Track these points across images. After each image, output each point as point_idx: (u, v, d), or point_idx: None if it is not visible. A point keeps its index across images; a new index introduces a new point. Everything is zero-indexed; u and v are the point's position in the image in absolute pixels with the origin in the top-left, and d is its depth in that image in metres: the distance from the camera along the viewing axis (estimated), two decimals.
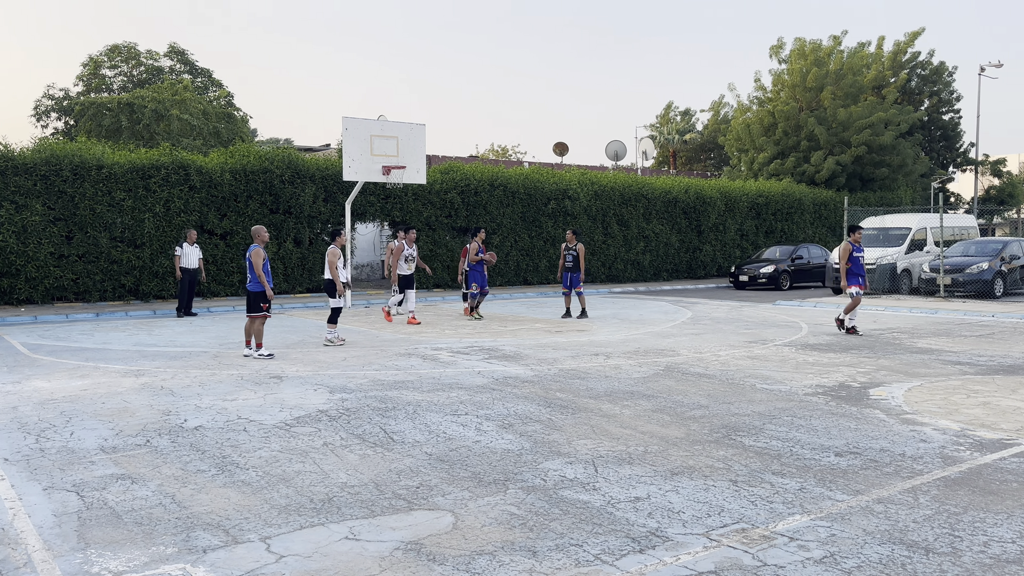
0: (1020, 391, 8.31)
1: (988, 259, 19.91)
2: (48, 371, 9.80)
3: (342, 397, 8.09)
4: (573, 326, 14.58)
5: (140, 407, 7.65)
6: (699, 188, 29.47)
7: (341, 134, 19.78)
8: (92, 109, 32.74)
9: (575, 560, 4.04)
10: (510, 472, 5.53)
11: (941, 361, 10.40)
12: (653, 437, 6.46)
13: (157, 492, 5.13)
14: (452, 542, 4.28)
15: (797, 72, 35.20)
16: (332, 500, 4.96)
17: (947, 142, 41.34)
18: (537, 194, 25.13)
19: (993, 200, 44.36)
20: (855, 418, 7.12)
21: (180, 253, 16.24)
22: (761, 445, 6.21)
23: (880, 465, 5.67)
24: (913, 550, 4.15)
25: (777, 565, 3.97)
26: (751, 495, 5.02)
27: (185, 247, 16.24)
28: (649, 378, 9.14)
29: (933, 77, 39.34)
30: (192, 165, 19.49)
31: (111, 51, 36.97)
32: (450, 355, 10.97)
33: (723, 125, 47.62)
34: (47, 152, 17.80)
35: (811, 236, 32.79)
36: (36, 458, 5.94)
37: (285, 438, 6.47)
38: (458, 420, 7.06)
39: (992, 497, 4.98)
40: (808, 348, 11.67)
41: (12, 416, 7.31)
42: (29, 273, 17.51)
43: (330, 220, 21.55)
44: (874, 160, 34.70)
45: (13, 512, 4.77)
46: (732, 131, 37.92)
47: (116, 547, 4.24)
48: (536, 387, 8.60)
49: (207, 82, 38.56)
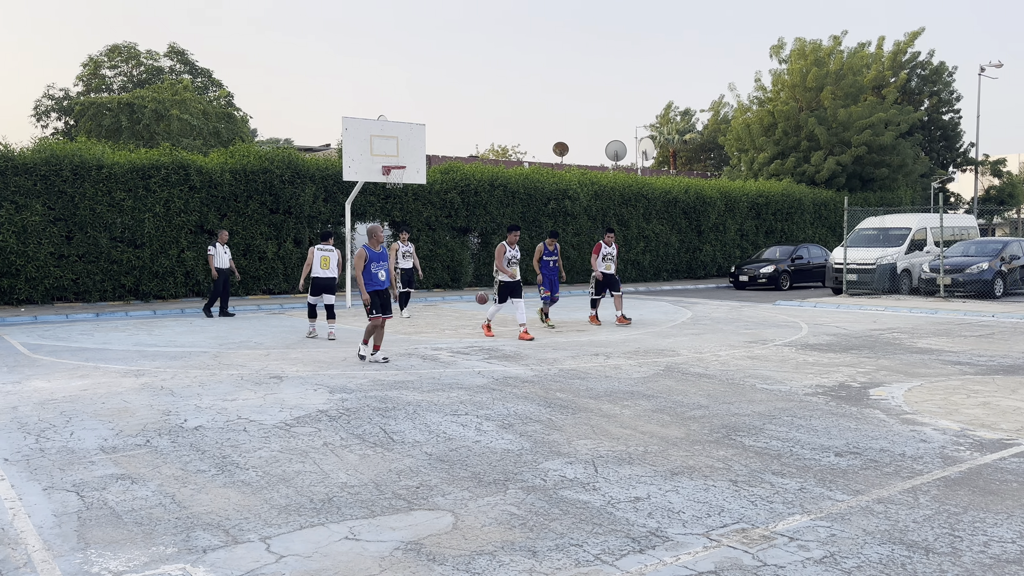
0: (1020, 391, 8.32)
1: (988, 259, 19.91)
2: (48, 371, 9.80)
3: (342, 397, 8.09)
4: (573, 326, 14.57)
5: (140, 407, 7.65)
6: (699, 188, 29.47)
7: (341, 134, 19.78)
8: (92, 109, 32.76)
9: (575, 560, 4.04)
10: (510, 472, 5.53)
11: (941, 361, 10.40)
12: (653, 437, 6.46)
13: (157, 492, 5.13)
14: (452, 542, 4.28)
15: (797, 72, 35.20)
16: (332, 500, 4.96)
17: (947, 142, 41.34)
18: (537, 194, 25.13)
19: (993, 200, 44.38)
20: (855, 418, 7.12)
21: (214, 253, 16.08)
22: (761, 445, 6.21)
23: (880, 465, 5.67)
24: (913, 550, 4.15)
25: (777, 565, 3.97)
26: (751, 495, 5.02)
27: (218, 247, 16.12)
28: (649, 378, 9.14)
29: (933, 77, 39.34)
30: (192, 165, 19.49)
31: (111, 51, 36.99)
32: (450, 355, 10.97)
33: (723, 125, 47.63)
34: (47, 152, 17.79)
35: (811, 236, 32.80)
36: (36, 458, 5.94)
37: (285, 438, 6.47)
38: (458, 420, 7.06)
39: (992, 497, 4.98)
40: (808, 348, 11.67)
41: (12, 416, 7.31)
42: (29, 273, 17.51)
43: (330, 220, 21.55)
44: (874, 160, 34.70)
45: (13, 512, 4.77)
46: (732, 131, 37.91)
47: (116, 547, 4.24)
48: (536, 387, 8.61)
49: (207, 82, 38.58)
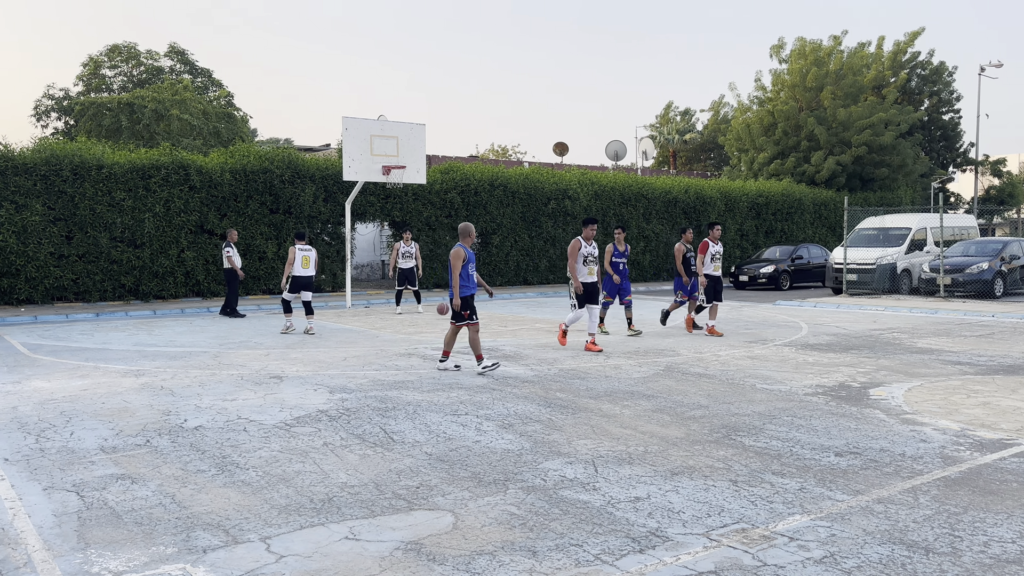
0: (1020, 391, 8.31)
1: (988, 259, 19.91)
2: (48, 371, 9.80)
3: (342, 397, 8.09)
4: (574, 326, 14.55)
5: (140, 407, 7.65)
6: (699, 188, 29.48)
7: (341, 134, 19.77)
8: (92, 109, 32.74)
9: (575, 560, 4.04)
10: (510, 472, 5.52)
11: (941, 361, 10.40)
12: (653, 437, 6.46)
13: (157, 492, 5.13)
14: (452, 542, 4.28)
15: (797, 72, 35.20)
16: (332, 500, 4.96)
17: (947, 142, 41.34)
18: (537, 194, 25.13)
19: (993, 200, 44.38)
20: (855, 418, 7.12)
21: (232, 253, 16.00)
22: (761, 445, 6.21)
23: (880, 465, 5.66)
24: (913, 550, 4.15)
25: (777, 565, 3.97)
26: (751, 495, 5.02)
27: (233, 247, 16.11)
28: (649, 378, 9.14)
29: (933, 77, 39.34)
30: (192, 165, 19.49)
31: (111, 51, 36.97)
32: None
33: (723, 125, 47.62)
34: (47, 152, 17.80)
35: (811, 236, 32.81)
36: (36, 458, 5.94)
37: (285, 438, 6.47)
38: (458, 420, 7.06)
39: (992, 497, 4.98)
40: (808, 348, 11.67)
41: (12, 416, 7.31)
42: (29, 273, 17.51)
43: (330, 220, 21.55)
44: (874, 160, 34.70)
45: (13, 512, 4.76)
46: (732, 131, 37.92)
47: (116, 547, 4.24)
48: (536, 387, 8.60)
49: (207, 82, 38.56)
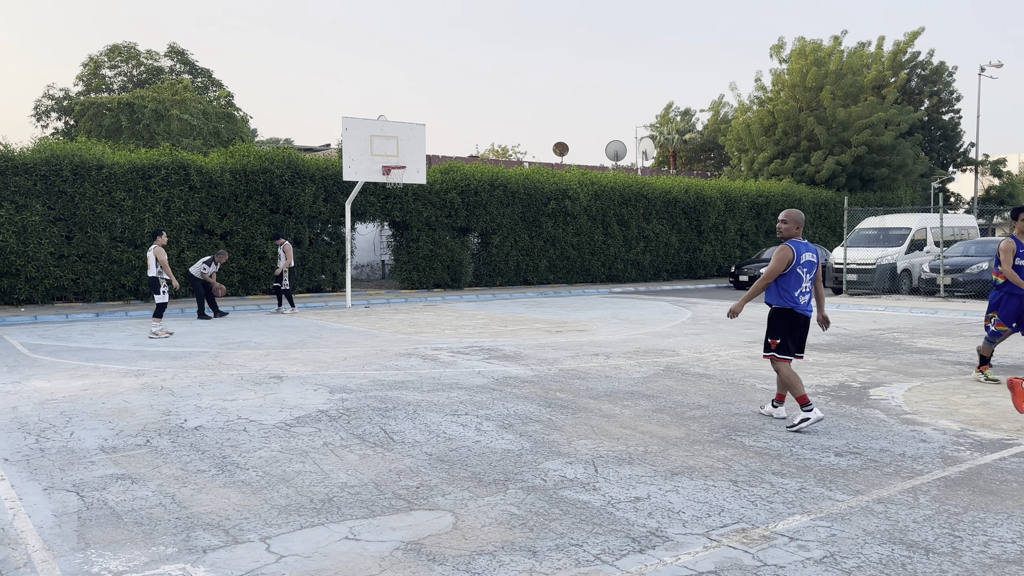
0: None
1: (988, 259, 19.90)
2: (48, 371, 9.80)
3: (342, 397, 8.09)
4: (573, 326, 14.57)
5: (140, 407, 7.65)
6: (699, 188, 29.47)
7: (341, 134, 19.78)
8: (92, 109, 32.72)
9: (575, 560, 4.04)
10: (510, 472, 5.53)
11: (941, 361, 10.40)
12: (653, 437, 6.46)
13: (157, 492, 5.13)
14: (452, 542, 4.28)
15: (797, 72, 35.19)
16: (332, 500, 4.96)
17: (947, 142, 41.34)
18: (537, 194, 25.13)
19: (993, 200, 44.39)
20: (855, 418, 7.12)
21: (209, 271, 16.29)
22: (761, 445, 6.21)
23: (880, 465, 5.67)
24: (913, 550, 4.15)
25: (777, 565, 3.97)
26: (751, 495, 5.02)
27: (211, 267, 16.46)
28: (649, 378, 9.14)
29: (933, 77, 39.34)
30: (192, 165, 19.49)
31: (111, 51, 36.95)
32: (450, 355, 10.97)
33: (723, 125, 47.62)
34: (47, 152, 17.80)
35: (811, 236, 32.78)
36: (36, 458, 5.94)
37: (285, 438, 6.47)
38: (458, 420, 7.06)
39: (992, 497, 4.98)
40: (808, 348, 11.66)
41: (12, 416, 7.31)
42: (29, 273, 17.51)
43: (330, 220, 21.55)
44: (874, 160, 34.70)
45: (13, 512, 4.76)
46: (732, 131, 37.92)
47: (116, 547, 4.24)
48: (536, 387, 8.60)
49: (207, 82, 38.53)
